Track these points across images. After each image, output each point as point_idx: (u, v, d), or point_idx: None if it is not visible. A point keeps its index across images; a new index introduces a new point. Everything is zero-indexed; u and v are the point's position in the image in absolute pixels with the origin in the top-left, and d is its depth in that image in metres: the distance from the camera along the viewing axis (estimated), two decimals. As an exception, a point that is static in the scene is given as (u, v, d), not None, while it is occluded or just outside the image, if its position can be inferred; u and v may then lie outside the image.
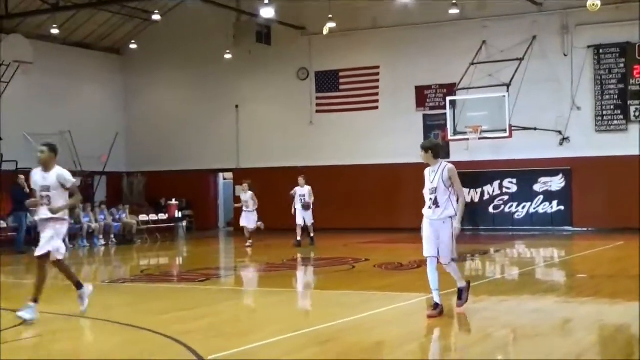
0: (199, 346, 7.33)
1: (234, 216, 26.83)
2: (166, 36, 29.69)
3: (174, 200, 28.42)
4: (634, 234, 20.92)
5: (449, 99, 23.55)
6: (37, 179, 9.26)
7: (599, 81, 24.59)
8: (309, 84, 28.58)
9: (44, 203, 9.15)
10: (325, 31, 24.76)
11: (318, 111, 28.46)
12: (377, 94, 27.54)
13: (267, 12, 23.82)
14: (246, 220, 21.08)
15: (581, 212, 24.70)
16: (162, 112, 30.86)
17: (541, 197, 25.26)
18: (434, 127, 25.95)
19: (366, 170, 27.24)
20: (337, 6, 25.23)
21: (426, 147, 9.05)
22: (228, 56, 28.32)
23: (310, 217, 20.44)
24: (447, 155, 23.95)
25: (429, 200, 8.95)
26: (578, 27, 24.76)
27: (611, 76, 24.43)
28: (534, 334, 8.05)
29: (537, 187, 25.31)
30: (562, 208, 25.04)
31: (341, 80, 28.10)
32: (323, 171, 26.71)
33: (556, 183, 25.12)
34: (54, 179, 9.16)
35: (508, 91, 22.58)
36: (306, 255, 18.18)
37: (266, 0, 23.23)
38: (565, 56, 24.92)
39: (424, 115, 26.66)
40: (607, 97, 24.49)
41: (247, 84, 29.47)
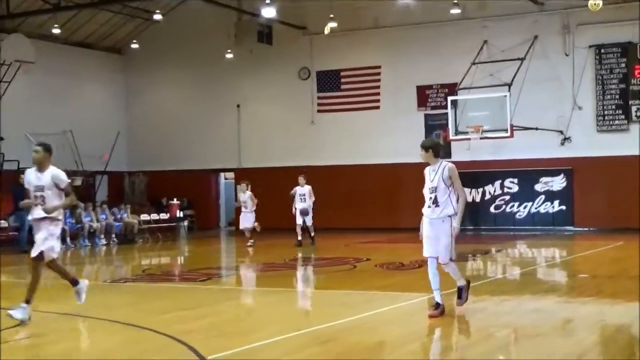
0: (200, 346, 7.35)
1: (235, 216, 26.84)
2: (167, 36, 29.69)
3: (175, 199, 28.44)
4: (635, 234, 20.89)
5: (450, 98, 23.52)
6: (31, 178, 9.21)
7: (600, 81, 24.58)
8: (310, 83, 28.58)
9: (38, 203, 9.10)
10: (327, 31, 24.77)
11: (319, 111, 28.46)
12: (378, 93, 27.53)
13: (268, 12, 23.85)
14: (244, 219, 21.22)
15: (582, 212, 24.70)
16: (163, 112, 30.86)
17: (542, 197, 25.26)
18: (435, 127, 25.93)
19: (367, 170, 27.24)
20: (339, 6, 25.25)
21: (426, 146, 8.99)
22: (229, 56, 28.34)
23: (310, 217, 20.43)
24: (448, 155, 23.96)
25: (429, 200, 8.91)
26: (579, 27, 24.75)
27: (612, 76, 24.42)
28: (535, 334, 8.05)
29: (538, 187, 25.30)
30: (563, 208, 25.04)
31: (342, 80, 28.09)
32: (324, 171, 26.73)
33: (557, 183, 25.12)
34: (49, 178, 9.11)
35: (509, 91, 22.58)
36: (307, 255, 18.18)
37: (267, 0, 23.24)
38: (567, 56, 24.92)
39: (425, 115, 26.66)
40: (609, 97, 24.48)
41: (248, 84, 29.46)
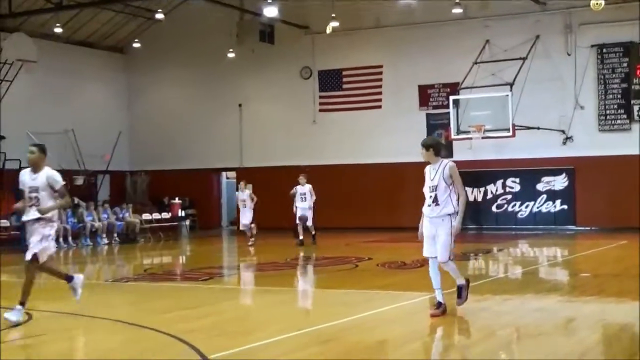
0: (201, 345, 7.34)
1: (236, 215, 26.82)
2: (169, 35, 29.69)
3: (177, 199, 28.44)
4: (637, 234, 20.87)
5: (452, 98, 23.51)
6: (26, 179, 9.15)
7: (602, 80, 24.57)
8: (312, 83, 28.57)
9: (32, 204, 9.02)
10: (329, 30, 24.77)
11: (321, 110, 28.46)
12: (380, 93, 27.53)
13: (270, 11, 23.86)
14: (242, 217, 21.30)
15: (584, 212, 24.68)
16: (165, 111, 30.87)
17: (544, 196, 25.25)
18: (437, 127, 25.91)
19: (369, 170, 27.23)
20: (340, 5, 25.25)
21: (427, 144, 8.91)
22: (231, 55, 28.35)
23: (310, 218, 20.39)
24: (450, 155, 23.93)
25: (429, 198, 8.85)
26: (581, 27, 24.73)
27: (614, 75, 24.40)
28: (537, 333, 8.04)
29: (540, 187, 25.29)
30: (565, 207, 25.02)
31: (344, 80, 28.08)
32: (326, 170, 26.73)
33: (559, 182, 25.11)
34: (44, 179, 9.05)
35: (511, 90, 22.58)
36: (309, 254, 18.18)
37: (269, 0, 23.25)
38: (569, 55, 24.90)
39: (427, 115, 26.66)
40: (611, 96, 24.46)
41: (250, 83, 29.46)
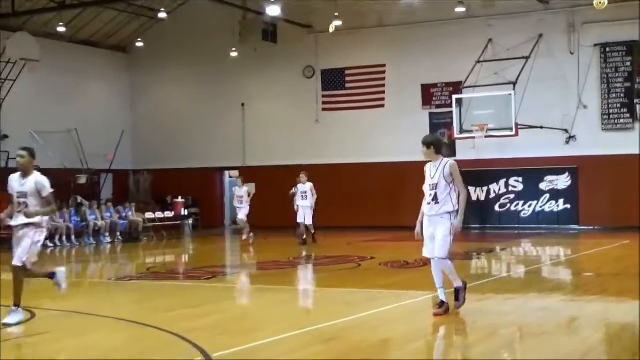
0: (204, 343, 7.35)
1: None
2: (172, 34, 29.70)
3: (180, 198, 28.40)
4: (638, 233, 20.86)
5: (455, 97, 23.47)
6: (14, 184, 8.93)
7: (605, 80, 24.54)
8: (315, 82, 28.57)
9: (20, 210, 8.78)
10: (332, 29, 24.78)
11: (324, 109, 28.45)
12: (383, 92, 27.52)
13: (273, 10, 23.85)
14: (239, 212, 21.42)
15: (587, 211, 24.66)
16: (168, 110, 30.89)
17: (547, 195, 25.23)
18: (440, 126, 25.90)
19: (371, 169, 27.22)
20: (343, 5, 25.25)
21: (428, 142, 8.85)
22: (234, 54, 28.36)
23: (310, 217, 20.35)
24: (453, 154, 23.90)
25: (429, 196, 8.81)
26: (584, 26, 24.70)
27: (618, 74, 24.37)
28: (540, 332, 8.04)
29: (543, 186, 25.27)
30: (568, 206, 25.00)
31: (347, 79, 28.07)
32: (328, 169, 26.74)
33: (562, 181, 25.08)
34: (32, 184, 8.82)
35: (514, 89, 22.52)
36: (312, 253, 18.18)
37: (272, -1, 23.27)
38: (572, 54, 24.88)
39: (430, 114, 26.65)
40: (614, 95, 24.43)
41: (253, 82, 29.47)
